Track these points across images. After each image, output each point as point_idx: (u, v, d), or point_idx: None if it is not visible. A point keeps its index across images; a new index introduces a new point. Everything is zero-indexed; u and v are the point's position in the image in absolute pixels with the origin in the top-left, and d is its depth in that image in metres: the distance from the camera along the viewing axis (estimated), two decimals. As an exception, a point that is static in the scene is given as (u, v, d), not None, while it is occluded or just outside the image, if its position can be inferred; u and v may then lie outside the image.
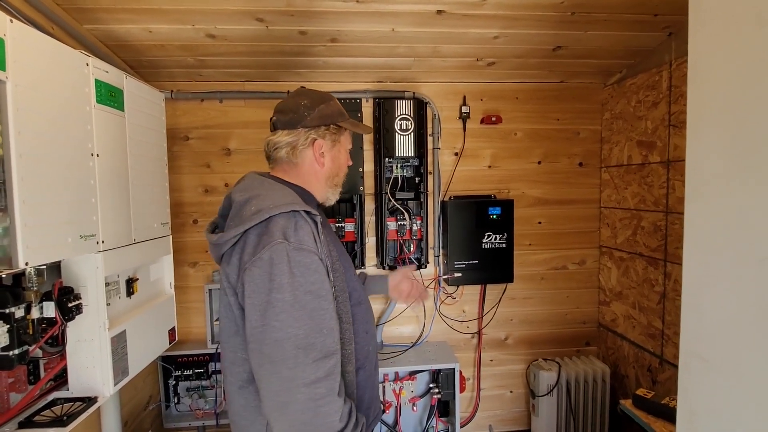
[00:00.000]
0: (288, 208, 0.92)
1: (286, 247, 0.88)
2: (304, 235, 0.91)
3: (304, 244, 0.90)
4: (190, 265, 2.16)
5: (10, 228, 0.95)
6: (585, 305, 2.39)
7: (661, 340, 1.91)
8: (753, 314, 0.63)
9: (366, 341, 1.10)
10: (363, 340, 1.08)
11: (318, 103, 1.07)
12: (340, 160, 1.12)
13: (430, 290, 2.26)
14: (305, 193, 1.09)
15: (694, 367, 0.73)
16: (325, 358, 0.88)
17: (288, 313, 0.86)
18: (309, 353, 0.86)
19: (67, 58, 1.16)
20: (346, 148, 1.14)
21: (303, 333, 0.87)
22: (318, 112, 1.06)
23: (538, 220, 2.32)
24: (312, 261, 0.90)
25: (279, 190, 0.99)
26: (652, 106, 1.93)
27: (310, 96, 1.09)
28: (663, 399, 1.51)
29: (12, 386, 1.16)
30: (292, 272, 0.88)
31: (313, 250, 0.91)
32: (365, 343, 1.10)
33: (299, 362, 0.86)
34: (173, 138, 2.06)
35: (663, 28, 1.74)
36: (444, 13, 1.55)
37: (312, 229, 0.93)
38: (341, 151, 1.12)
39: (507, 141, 2.27)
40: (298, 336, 0.86)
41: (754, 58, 0.63)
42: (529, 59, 1.98)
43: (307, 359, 0.86)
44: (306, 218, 0.94)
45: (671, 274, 1.84)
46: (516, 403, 2.39)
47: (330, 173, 1.10)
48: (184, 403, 2.08)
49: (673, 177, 1.81)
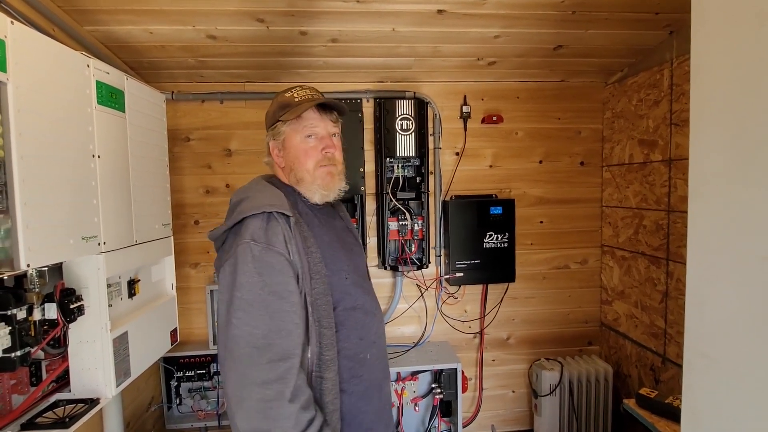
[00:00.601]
0: (261, 209, 0.94)
1: (252, 247, 0.91)
2: (272, 236, 0.92)
3: (271, 244, 0.91)
4: (192, 266, 2.16)
5: (11, 230, 0.95)
6: (587, 304, 2.38)
7: (663, 339, 1.90)
8: (757, 312, 0.63)
9: (361, 348, 1.05)
10: (356, 347, 1.04)
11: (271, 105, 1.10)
12: (292, 152, 1.06)
13: (433, 290, 2.25)
14: (294, 194, 1.08)
15: (698, 365, 0.72)
16: (280, 360, 0.87)
17: (245, 311, 0.88)
18: (264, 354, 0.87)
19: (68, 60, 1.16)
20: (297, 138, 1.05)
21: (260, 333, 0.88)
22: (268, 115, 1.10)
23: (540, 220, 2.32)
24: (278, 261, 0.91)
25: (267, 192, 1.01)
26: (653, 104, 1.92)
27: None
28: (667, 398, 1.50)
29: (14, 388, 1.16)
30: (256, 272, 0.89)
31: (280, 251, 0.92)
32: (359, 350, 1.05)
33: (253, 361, 0.87)
34: (174, 139, 2.06)
35: (664, 26, 1.73)
36: (444, 12, 1.55)
37: (284, 229, 0.94)
38: (290, 144, 1.06)
39: (508, 140, 2.27)
40: (254, 335, 0.88)
41: (757, 55, 0.63)
42: (530, 58, 1.98)
43: (261, 359, 0.87)
44: (278, 219, 0.94)
45: (673, 273, 1.83)
46: (518, 403, 2.38)
47: (289, 167, 1.07)
48: (186, 404, 2.08)
49: (675, 175, 1.81)
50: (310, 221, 1.06)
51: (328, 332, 0.97)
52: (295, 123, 1.05)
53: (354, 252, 1.17)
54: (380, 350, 1.13)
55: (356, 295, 1.07)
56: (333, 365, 0.98)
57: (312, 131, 1.05)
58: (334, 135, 1.10)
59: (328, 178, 1.06)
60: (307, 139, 1.05)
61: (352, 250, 1.16)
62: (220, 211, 2.12)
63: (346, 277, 1.07)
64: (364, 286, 1.13)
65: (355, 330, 1.05)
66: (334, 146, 1.07)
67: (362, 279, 1.15)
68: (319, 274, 0.97)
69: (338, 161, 1.09)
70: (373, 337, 1.10)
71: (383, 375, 1.14)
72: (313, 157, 1.05)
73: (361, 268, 1.18)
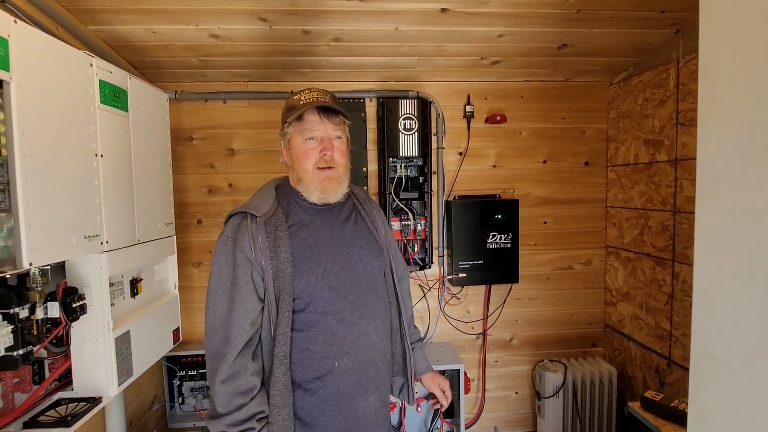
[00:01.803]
0: (241, 209, 1.08)
1: (225, 242, 1.05)
2: (241, 233, 1.04)
3: (238, 242, 1.04)
4: (194, 265, 2.16)
5: (14, 228, 0.95)
6: (591, 306, 2.36)
7: (669, 342, 1.88)
8: (765, 314, 0.61)
9: (329, 354, 1.04)
10: (322, 350, 1.04)
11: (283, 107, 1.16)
12: (294, 153, 1.11)
13: (435, 290, 2.24)
14: (290, 192, 1.14)
15: (705, 368, 0.71)
16: (221, 344, 1.01)
17: (211, 296, 1.04)
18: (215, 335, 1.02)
19: (71, 59, 1.16)
20: (299, 140, 1.09)
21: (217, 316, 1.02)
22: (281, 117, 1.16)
23: (544, 220, 2.30)
24: (240, 257, 1.03)
25: (257, 195, 1.13)
26: (659, 104, 1.91)
27: None
28: (672, 401, 1.49)
29: (17, 386, 1.16)
30: (224, 263, 1.04)
31: (242, 249, 1.03)
32: (326, 355, 1.04)
33: (209, 338, 1.03)
34: (177, 138, 2.06)
35: (670, 25, 1.71)
36: (448, 11, 1.54)
37: (251, 229, 1.05)
38: (293, 145, 1.11)
39: (512, 140, 2.25)
40: (213, 317, 1.03)
41: (766, 53, 0.61)
42: (534, 58, 1.97)
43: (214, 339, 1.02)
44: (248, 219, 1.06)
45: (679, 275, 1.81)
46: (521, 405, 2.37)
47: (292, 167, 1.13)
48: (188, 404, 2.08)
49: (681, 176, 1.79)
50: (299, 221, 1.09)
51: (281, 329, 1.03)
52: (297, 125, 1.10)
53: (356, 255, 1.11)
54: (357, 363, 1.07)
55: (330, 300, 1.05)
56: (282, 363, 1.02)
57: (312, 134, 1.08)
58: (338, 138, 1.10)
59: (325, 182, 1.09)
60: (307, 141, 1.09)
61: (352, 253, 1.11)
62: (223, 211, 2.12)
63: (319, 280, 1.05)
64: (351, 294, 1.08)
65: (322, 334, 1.05)
66: (332, 149, 1.08)
67: (356, 285, 1.09)
68: (283, 273, 1.03)
69: (339, 164, 1.10)
70: (346, 347, 1.06)
71: (359, 387, 1.08)
72: (312, 159, 1.08)
73: (361, 273, 1.11)
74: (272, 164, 2.13)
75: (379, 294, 1.15)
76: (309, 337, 1.04)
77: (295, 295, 1.03)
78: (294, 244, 1.05)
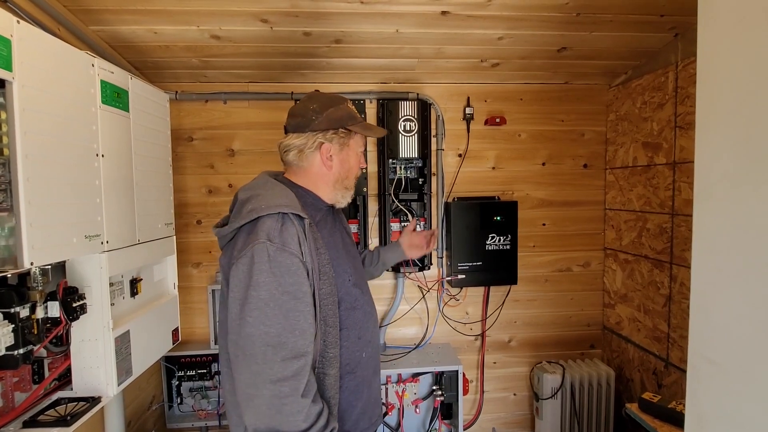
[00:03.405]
0: (277, 209, 0.96)
1: (268, 247, 0.92)
2: (288, 237, 0.94)
3: (286, 245, 0.93)
4: (194, 265, 2.16)
5: (15, 228, 0.95)
6: (589, 308, 2.37)
7: (666, 344, 1.89)
8: (763, 317, 0.62)
9: (358, 347, 1.10)
10: (354, 345, 1.08)
11: (327, 106, 1.10)
12: (349, 163, 1.13)
13: (434, 291, 2.25)
14: (309, 195, 1.11)
15: (703, 370, 0.72)
16: (294, 358, 0.91)
17: (261, 311, 0.90)
18: (278, 351, 0.90)
19: (72, 59, 1.16)
20: (357, 151, 1.15)
21: (275, 331, 0.90)
22: (326, 116, 1.08)
23: (543, 222, 2.31)
24: (293, 263, 0.93)
25: (277, 191, 1.02)
26: (657, 107, 1.92)
27: (320, 100, 1.12)
28: (669, 403, 1.49)
29: (17, 386, 1.16)
30: (271, 272, 0.91)
31: (294, 253, 0.94)
32: (356, 348, 1.09)
33: (267, 359, 0.89)
34: (177, 139, 2.07)
35: (669, 28, 1.73)
36: (448, 14, 1.55)
37: (298, 231, 0.96)
38: (350, 154, 1.13)
39: (511, 142, 2.26)
40: (269, 333, 0.90)
41: (765, 57, 0.62)
42: (534, 60, 1.98)
43: (276, 357, 0.89)
44: (293, 220, 0.97)
45: (677, 277, 1.82)
46: (519, 406, 2.37)
47: (339, 176, 1.12)
48: (186, 404, 2.08)
49: (680, 179, 1.80)
50: (321, 224, 1.11)
51: (332, 331, 1.01)
52: (359, 137, 1.15)
53: (353, 253, 1.23)
54: (375, 348, 1.18)
55: (356, 296, 1.12)
56: (336, 362, 1.01)
57: (363, 148, 1.19)
58: None
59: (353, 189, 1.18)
60: (361, 154, 1.18)
61: (351, 251, 1.22)
62: (222, 211, 2.12)
63: (349, 279, 1.11)
64: (364, 287, 1.19)
65: (354, 329, 1.09)
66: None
67: (363, 279, 1.22)
68: (326, 275, 1.00)
69: None
70: (369, 336, 1.15)
71: (374, 371, 1.19)
72: (358, 170, 1.18)
73: (359, 269, 1.23)
74: (272, 165, 2.12)
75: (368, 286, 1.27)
76: (344, 334, 1.06)
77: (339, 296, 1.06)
78: (326, 245, 1.06)
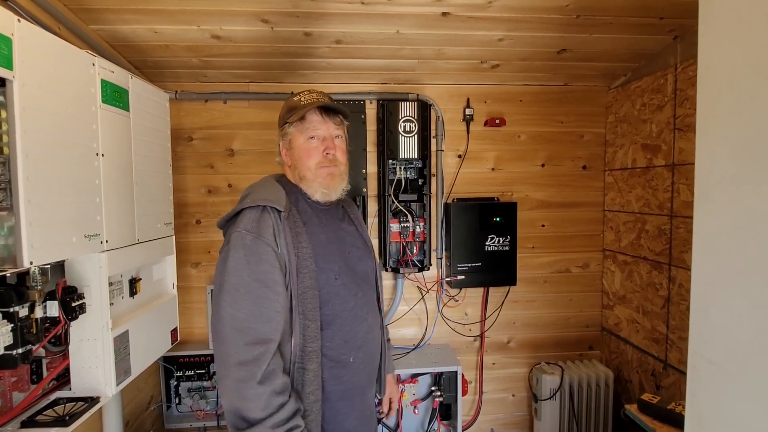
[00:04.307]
0: (257, 203, 1.02)
1: (244, 236, 0.99)
2: (264, 227, 1.00)
3: (261, 235, 0.99)
4: (193, 265, 2.16)
5: (15, 227, 0.95)
6: (588, 309, 2.37)
7: (665, 345, 1.90)
8: (763, 318, 0.62)
9: (345, 350, 1.08)
10: (339, 347, 1.07)
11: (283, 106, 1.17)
12: (295, 152, 1.14)
13: (434, 292, 2.25)
14: (298, 190, 1.14)
15: (703, 371, 0.72)
16: (256, 343, 0.94)
17: (232, 295, 0.96)
18: (243, 336, 0.94)
19: (73, 58, 1.16)
20: (300, 141, 1.13)
21: (243, 316, 0.95)
22: (280, 116, 1.17)
23: (542, 223, 2.31)
24: (265, 252, 0.98)
25: (267, 188, 1.09)
26: (657, 109, 1.92)
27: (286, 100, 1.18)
28: (668, 404, 1.50)
29: (15, 385, 1.16)
30: (245, 259, 0.97)
31: (269, 242, 0.99)
32: (342, 351, 1.08)
33: (234, 342, 0.94)
34: (177, 138, 2.06)
35: (668, 31, 1.73)
36: (449, 15, 1.55)
37: (275, 223, 1.01)
38: (294, 145, 1.14)
39: (511, 143, 2.27)
40: (236, 317, 0.95)
41: (765, 60, 0.62)
42: (534, 62, 1.98)
43: (240, 341, 0.94)
44: (271, 213, 1.02)
45: (676, 278, 1.83)
46: (518, 407, 2.37)
47: (294, 166, 1.15)
48: (185, 404, 2.07)
49: (679, 181, 1.80)
50: (309, 219, 1.11)
51: (312, 325, 1.02)
52: (299, 125, 1.12)
53: (355, 255, 1.18)
54: (367, 355, 1.14)
55: (346, 298, 1.10)
56: (315, 357, 1.02)
57: (314, 133, 1.11)
58: (338, 137, 1.15)
59: (328, 179, 1.12)
60: (310, 140, 1.12)
61: (352, 253, 1.18)
62: (222, 211, 2.10)
63: (336, 278, 1.09)
64: (359, 291, 1.14)
65: (340, 332, 1.08)
66: (335, 147, 1.13)
67: (359, 283, 1.15)
68: (307, 269, 1.02)
69: (340, 162, 1.14)
70: (359, 342, 1.11)
71: (368, 380, 1.15)
72: (315, 158, 1.11)
73: (360, 272, 1.18)
74: (272, 165, 2.12)
75: (373, 291, 1.23)
76: (328, 335, 1.06)
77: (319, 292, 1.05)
78: (312, 240, 1.06)
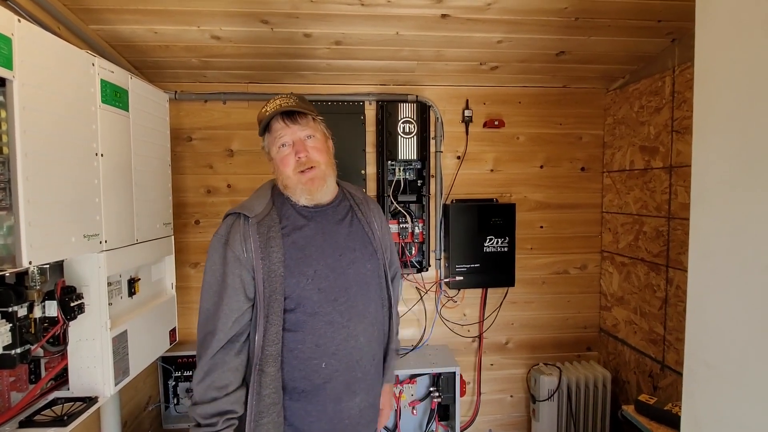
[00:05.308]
0: (235, 210, 1.10)
1: (217, 240, 1.08)
2: (233, 233, 1.07)
3: (228, 241, 1.06)
4: (192, 265, 2.16)
5: (14, 227, 0.95)
6: (586, 310, 2.38)
7: (662, 346, 1.90)
8: (759, 320, 0.63)
9: (316, 355, 1.06)
10: (310, 351, 1.06)
11: None
12: (274, 163, 1.14)
13: (432, 293, 2.25)
14: (280, 197, 1.15)
15: (699, 373, 0.72)
16: (208, 334, 1.05)
17: (204, 289, 1.08)
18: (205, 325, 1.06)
19: (73, 58, 1.16)
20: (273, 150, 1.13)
21: (207, 306, 1.07)
22: None
23: (540, 224, 2.32)
24: (230, 256, 1.05)
25: (253, 196, 1.15)
26: (654, 111, 1.93)
27: None
28: (666, 405, 1.50)
29: (13, 385, 1.16)
30: (215, 260, 1.07)
31: (233, 249, 1.06)
32: (313, 356, 1.06)
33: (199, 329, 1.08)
34: (176, 138, 2.06)
35: (666, 34, 1.74)
36: (448, 17, 1.56)
37: (243, 229, 1.07)
38: (271, 155, 1.15)
39: (509, 145, 2.27)
40: (203, 308, 1.07)
41: (761, 63, 0.63)
42: (533, 64, 1.99)
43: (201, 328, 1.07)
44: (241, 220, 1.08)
45: (673, 280, 1.84)
46: (516, 408, 2.38)
47: (277, 175, 1.15)
48: (183, 404, 2.07)
49: (676, 183, 1.81)
50: (292, 223, 1.11)
51: (273, 329, 1.04)
52: (268, 136, 1.13)
53: (347, 258, 1.12)
54: (344, 364, 1.08)
55: (319, 302, 1.06)
56: (274, 361, 1.04)
57: (281, 140, 1.11)
58: (310, 137, 1.11)
59: (309, 184, 1.10)
60: (281, 149, 1.11)
61: (344, 255, 1.11)
62: (221, 211, 2.11)
63: (309, 281, 1.06)
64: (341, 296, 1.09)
65: (311, 336, 1.07)
66: (305, 150, 1.09)
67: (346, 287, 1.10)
68: (275, 273, 1.04)
69: (318, 161, 1.10)
70: (333, 349, 1.07)
71: (345, 390, 1.10)
72: (289, 165, 1.10)
73: (352, 275, 1.11)
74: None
75: (371, 297, 1.15)
76: (297, 337, 1.06)
77: (285, 295, 1.05)
78: (286, 245, 1.07)
